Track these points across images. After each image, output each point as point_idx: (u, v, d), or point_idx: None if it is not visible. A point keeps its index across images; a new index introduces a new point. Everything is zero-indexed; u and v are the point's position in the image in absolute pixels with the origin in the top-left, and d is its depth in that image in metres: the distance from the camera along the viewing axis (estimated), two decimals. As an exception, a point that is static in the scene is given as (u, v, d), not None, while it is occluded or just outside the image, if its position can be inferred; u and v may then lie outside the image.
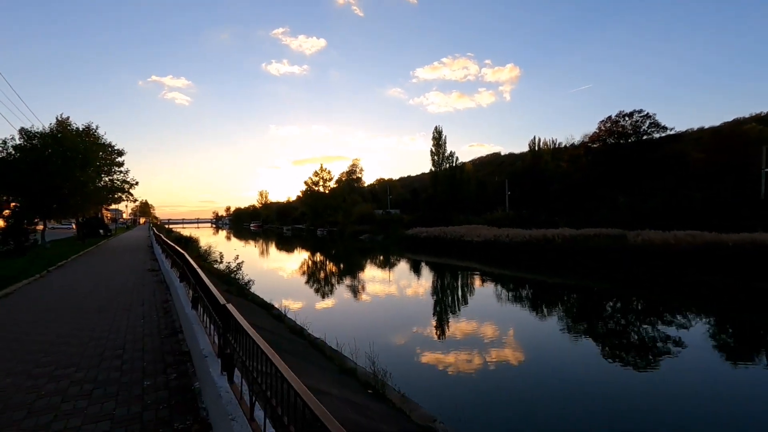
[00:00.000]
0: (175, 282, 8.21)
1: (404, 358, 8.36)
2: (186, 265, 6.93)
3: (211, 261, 23.10)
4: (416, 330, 10.63)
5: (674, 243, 18.67)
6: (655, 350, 9.25)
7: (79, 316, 7.55)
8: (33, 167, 19.56)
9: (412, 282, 20.58)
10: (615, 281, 17.97)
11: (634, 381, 7.47)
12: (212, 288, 3.64)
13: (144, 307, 8.12)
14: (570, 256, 22.23)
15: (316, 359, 6.62)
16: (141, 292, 9.87)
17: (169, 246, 11.49)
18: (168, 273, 10.30)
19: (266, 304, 11.13)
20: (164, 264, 12.15)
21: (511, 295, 16.75)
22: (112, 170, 24.07)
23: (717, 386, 7.18)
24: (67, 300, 9.10)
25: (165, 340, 5.81)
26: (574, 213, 34.83)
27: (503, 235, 27.88)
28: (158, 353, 5.18)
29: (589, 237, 23.54)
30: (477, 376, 7.47)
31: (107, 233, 39.03)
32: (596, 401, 6.51)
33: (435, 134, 61.05)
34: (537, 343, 9.77)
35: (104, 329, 6.51)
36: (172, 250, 10.16)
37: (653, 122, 38.33)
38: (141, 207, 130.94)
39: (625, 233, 23.16)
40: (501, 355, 8.57)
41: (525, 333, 10.67)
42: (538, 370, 7.89)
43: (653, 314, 12.87)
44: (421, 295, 16.98)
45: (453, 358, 8.33)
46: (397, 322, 11.69)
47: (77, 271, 14.67)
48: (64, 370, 4.61)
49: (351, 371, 6.23)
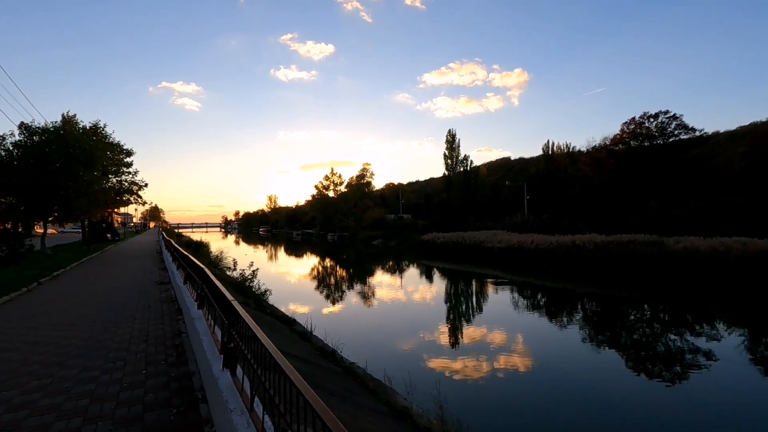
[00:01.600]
0: (191, 309, 5.86)
1: (463, 391, 7.05)
2: (211, 289, 4.39)
3: (222, 267, 22.20)
4: (468, 356, 9.11)
5: (723, 251, 17.16)
6: (718, 372, 7.88)
7: (52, 365, 4.94)
8: (33, 165, 18.01)
9: (442, 293, 19.30)
10: (663, 292, 16.48)
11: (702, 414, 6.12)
12: (276, 354, 2.15)
13: (147, 347, 5.68)
14: (603, 264, 20.77)
15: (357, 394, 5.40)
16: (145, 318, 7.59)
17: (183, 257, 9.14)
18: (180, 291, 8.13)
19: (287, 319, 9.95)
20: (176, 277, 10.00)
21: (563, 311, 15.38)
22: (120, 171, 22.67)
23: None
24: (42, 333, 6.54)
25: (178, 417, 3.51)
26: (598, 218, 33.29)
27: (527, 241, 26.46)
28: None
29: (623, 243, 22.04)
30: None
31: (115, 238, 37.55)
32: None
33: (448, 137, 59.84)
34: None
35: (80, 396, 4.00)
36: (188, 262, 7.85)
37: (680, 123, 36.68)
38: (151, 211, 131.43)
39: (661, 239, 21.67)
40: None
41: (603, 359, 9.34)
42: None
43: (715, 329, 11.43)
44: (463, 309, 15.69)
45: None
46: (440, 344, 10.16)
47: (72, 283, 12.46)
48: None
49: (404, 413, 4.99)
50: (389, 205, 78.53)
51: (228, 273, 15.55)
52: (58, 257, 19.04)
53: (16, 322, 7.48)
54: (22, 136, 19.23)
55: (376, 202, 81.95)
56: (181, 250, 9.65)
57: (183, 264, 8.67)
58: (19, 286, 11.00)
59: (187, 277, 7.62)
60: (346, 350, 7.64)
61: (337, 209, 73.04)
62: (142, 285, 11.65)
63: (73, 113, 20.45)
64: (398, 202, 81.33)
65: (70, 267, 16.54)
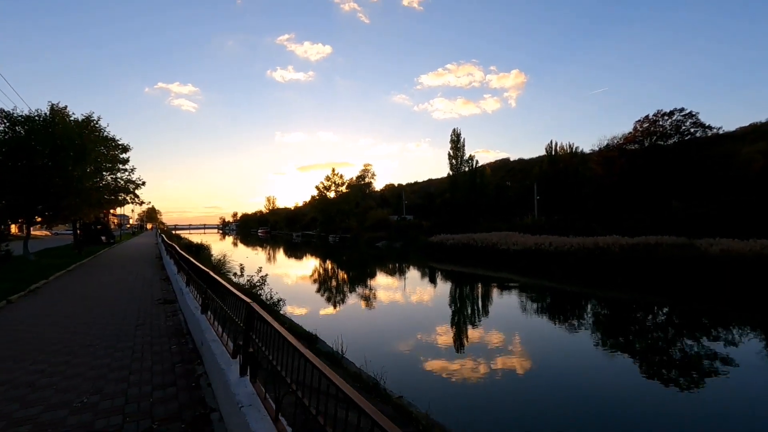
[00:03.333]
0: (222, 364, 3.66)
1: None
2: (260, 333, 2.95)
3: (225, 271, 20.78)
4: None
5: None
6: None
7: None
8: (13, 158, 15.98)
9: (489, 304, 17.95)
10: (707, 299, 15.24)
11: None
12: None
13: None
14: (631, 268, 19.55)
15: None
16: (145, 370, 4.99)
17: (194, 268, 6.96)
18: (196, 321, 5.61)
19: (309, 335, 8.63)
20: (186, 297, 7.27)
21: (610, 322, 14.12)
22: (115, 168, 20.30)
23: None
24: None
25: None
26: (610, 218, 32.14)
27: (545, 243, 25.23)
28: None
29: (650, 246, 20.86)
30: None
31: (110, 240, 35.45)
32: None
33: (453, 137, 58.69)
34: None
35: None
36: (203, 278, 5.78)
37: (696, 121, 35.63)
38: (148, 212, 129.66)
39: (691, 242, 20.52)
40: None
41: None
42: None
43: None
44: (509, 324, 14.41)
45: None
46: (508, 376, 8.94)
47: (51, 303, 9.64)
48: None
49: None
50: (389, 206, 77.24)
51: (236, 279, 14.17)
52: (41, 264, 16.59)
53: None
54: (2, 125, 17.10)
55: (377, 203, 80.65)
56: (198, 265, 6.73)
57: (201, 285, 5.96)
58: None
59: (216, 313, 4.86)
60: (389, 378, 6.31)
61: (338, 210, 71.67)
62: (141, 304, 9.38)
63: (64, 105, 18.37)
64: (398, 202, 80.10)
65: (53, 277, 13.95)
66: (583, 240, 23.61)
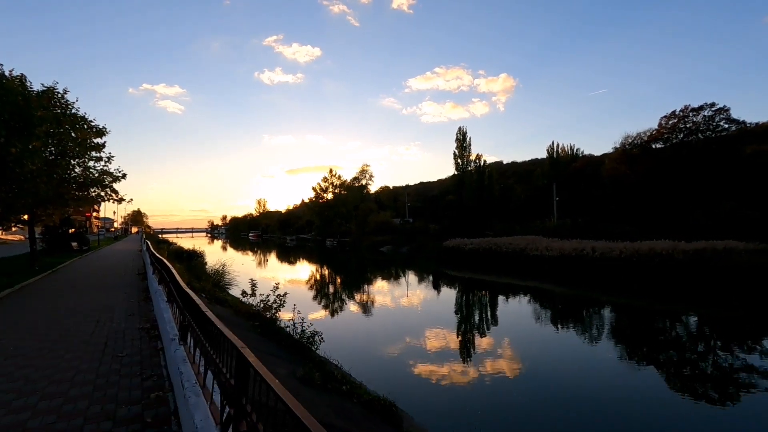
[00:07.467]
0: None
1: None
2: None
3: (225, 284, 17.21)
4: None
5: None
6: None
7: None
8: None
9: (530, 320, 14.98)
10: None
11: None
12: None
13: None
14: (706, 277, 16.78)
15: None
16: None
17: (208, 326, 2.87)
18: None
19: (383, 406, 5.42)
20: (186, 374, 3.35)
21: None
22: (87, 154, 14.82)
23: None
24: None
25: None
26: (649, 220, 29.61)
27: (586, 249, 22.35)
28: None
29: (717, 251, 18.13)
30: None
31: (83, 248, 27.17)
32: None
33: (459, 136, 55.93)
34: None
35: None
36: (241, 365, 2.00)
37: (727, 117, 33.37)
38: (133, 215, 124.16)
39: (765, 247, 17.92)
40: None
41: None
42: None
43: None
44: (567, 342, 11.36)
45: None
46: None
47: None
48: None
49: None
50: (385, 209, 74.03)
51: (243, 297, 10.84)
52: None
53: None
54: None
55: (379, 206, 77.44)
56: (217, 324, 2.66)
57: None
58: None
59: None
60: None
61: (336, 213, 68.21)
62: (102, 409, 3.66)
63: (19, 72, 13.00)
64: (395, 205, 77.17)
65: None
66: (634, 245, 20.76)
